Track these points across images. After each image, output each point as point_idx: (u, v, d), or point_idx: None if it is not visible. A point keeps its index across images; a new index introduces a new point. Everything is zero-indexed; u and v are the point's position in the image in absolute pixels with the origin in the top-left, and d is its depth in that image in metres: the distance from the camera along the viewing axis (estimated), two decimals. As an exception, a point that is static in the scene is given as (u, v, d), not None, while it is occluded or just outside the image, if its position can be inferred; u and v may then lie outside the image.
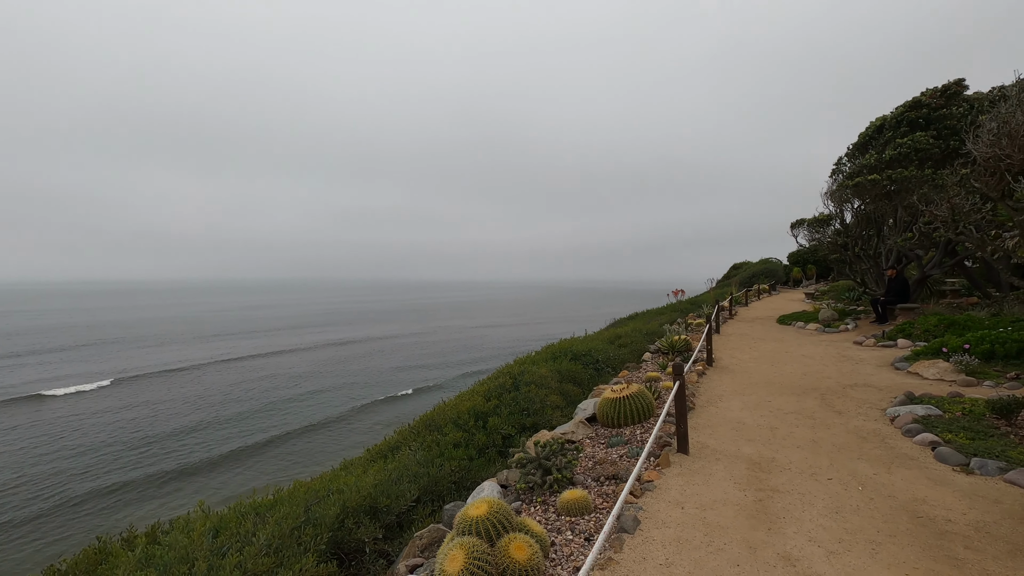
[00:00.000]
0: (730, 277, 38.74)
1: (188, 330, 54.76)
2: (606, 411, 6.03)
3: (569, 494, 3.88)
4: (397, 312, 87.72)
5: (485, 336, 50.64)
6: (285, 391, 27.09)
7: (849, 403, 6.80)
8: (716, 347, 11.94)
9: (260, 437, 19.80)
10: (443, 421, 6.01)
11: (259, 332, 53.39)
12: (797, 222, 16.94)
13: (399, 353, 40.54)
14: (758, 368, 9.42)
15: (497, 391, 6.58)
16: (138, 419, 21.78)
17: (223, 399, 25.34)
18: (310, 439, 19.85)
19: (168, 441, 19.12)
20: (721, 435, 5.63)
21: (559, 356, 8.51)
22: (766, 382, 8.25)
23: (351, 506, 3.84)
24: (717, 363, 9.98)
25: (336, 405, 24.90)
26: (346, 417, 22.82)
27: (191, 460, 17.23)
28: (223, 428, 20.90)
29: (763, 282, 30.95)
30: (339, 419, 22.49)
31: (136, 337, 47.78)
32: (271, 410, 23.78)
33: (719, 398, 7.26)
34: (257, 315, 79.04)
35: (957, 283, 15.85)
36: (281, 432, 20.35)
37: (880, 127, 14.54)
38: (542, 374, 7.08)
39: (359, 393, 27.46)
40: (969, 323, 10.65)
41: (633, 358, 10.38)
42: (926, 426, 5.42)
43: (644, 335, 12.11)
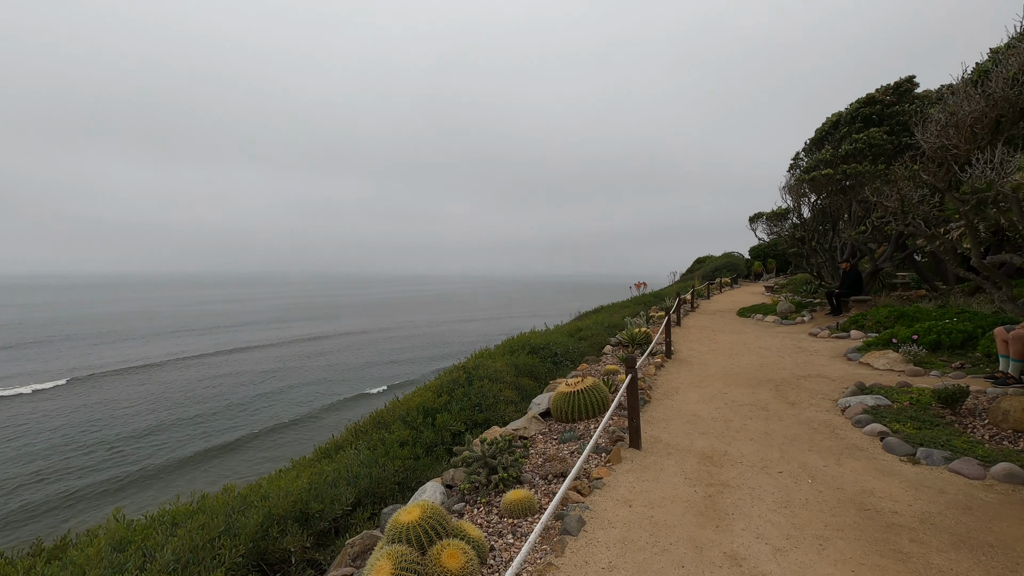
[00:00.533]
0: (694, 271, 39.38)
1: (145, 326, 52.49)
2: (560, 405, 5.87)
3: (513, 494, 3.68)
4: (365, 307, 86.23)
5: (456, 331, 50.17)
6: (250, 389, 26.09)
7: (802, 394, 6.82)
8: (676, 339, 11.98)
9: (224, 438, 19.01)
10: (392, 418, 5.74)
11: (220, 328, 51.57)
12: (756, 215, 17.19)
13: (369, 348, 39.71)
14: (716, 360, 9.44)
15: (449, 386, 6.34)
16: (94, 420, 20.59)
17: (184, 398, 24.22)
18: (276, 439, 19.19)
19: (125, 444, 18.10)
20: (675, 428, 5.54)
21: (517, 350, 8.32)
22: (723, 374, 8.25)
23: (278, 513, 3.55)
24: (676, 355, 9.97)
25: (304, 403, 24.14)
26: (315, 416, 22.12)
27: (152, 463, 16.38)
28: (184, 429, 19.96)
29: (725, 275, 31.54)
30: (308, 418, 21.77)
31: (90, 334, 45.39)
32: (236, 409, 22.85)
33: (676, 390, 7.20)
34: (218, 310, 76.54)
35: (907, 276, 16.35)
36: (246, 433, 19.60)
37: (836, 123, 14.82)
38: (497, 368, 6.88)
39: (329, 390, 26.73)
40: (918, 314, 10.94)
41: (593, 351, 10.28)
42: (875, 416, 5.43)
43: (605, 328, 12.04)
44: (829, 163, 13.62)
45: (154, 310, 74.66)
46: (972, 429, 5.01)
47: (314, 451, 6.36)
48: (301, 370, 30.86)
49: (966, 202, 6.41)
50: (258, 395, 25.13)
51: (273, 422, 21.08)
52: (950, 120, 5.86)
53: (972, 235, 6.75)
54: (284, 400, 24.71)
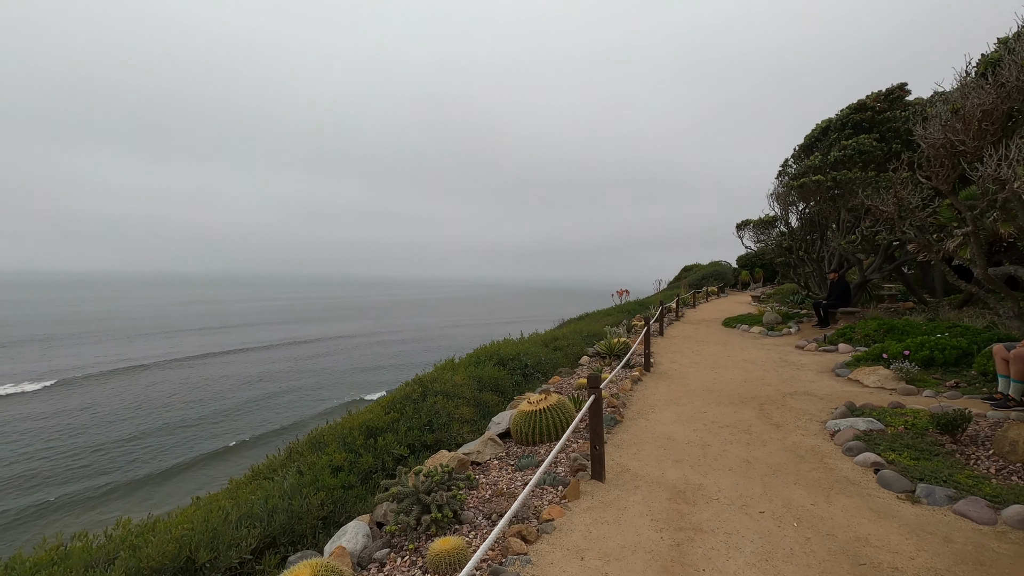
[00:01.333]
0: (681, 279, 39.01)
1: (130, 326, 50.82)
2: (519, 426, 5.26)
3: (441, 543, 3.05)
4: (356, 309, 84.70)
5: (447, 336, 49.15)
6: (237, 395, 24.90)
7: (788, 414, 6.27)
8: (658, 350, 11.42)
9: (206, 447, 18.03)
10: (331, 438, 5.09)
11: (207, 329, 50.05)
12: (743, 223, 16.75)
13: (359, 353, 38.50)
14: (698, 374, 8.88)
15: (401, 402, 5.70)
16: (71, 427, 19.39)
17: (168, 404, 22.99)
18: (261, 449, 18.22)
19: (102, 453, 17.00)
20: (646, 455, 4.94)
21: (483, 361, 7.69)
22: (704, 389, 7.69)
23: (151, 565, 2.90)
24: (656, 367, 9.40)
25: (293, 410, 23.10)
26: (304, 424, 21.04)
27: (130, 475, 15.39)
28: (166, 436, 18.84)
29: (712, 284, 31.17)
30: (296, 426, 20.70)
31: (74, 333, 43.70)
32: (221, 416, 21.77)
33: (652, 408, 6.61)
34: (205, 310, 74.62)
35: (894, 288, 15.98)
36: (234, 442, 18.61)
37: (826, 129, 14.42)
38: (456, 382, 6.24)
39: (318, 396, 25.74)
40: (908, 328, 10.48)
41: (569, 362, 9.69)
42: (868, 443, 4.88)
43: (584, 337, 11.46)
44: (818, 170, 13.20)
45: (141, 311, 72.48)
46: (976, 460, 4.47)
47: (247, 472, 5.68)
48: (290, 375, 29.71)
49: (973, 207, 5.92)
50: (245, 401, 23.97)
51: (264, 428, 20.13)
52: (956, 114, 5.38)
53: (977, 243, 6.26)
54: (271, 406, 23.68)
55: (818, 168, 13.29)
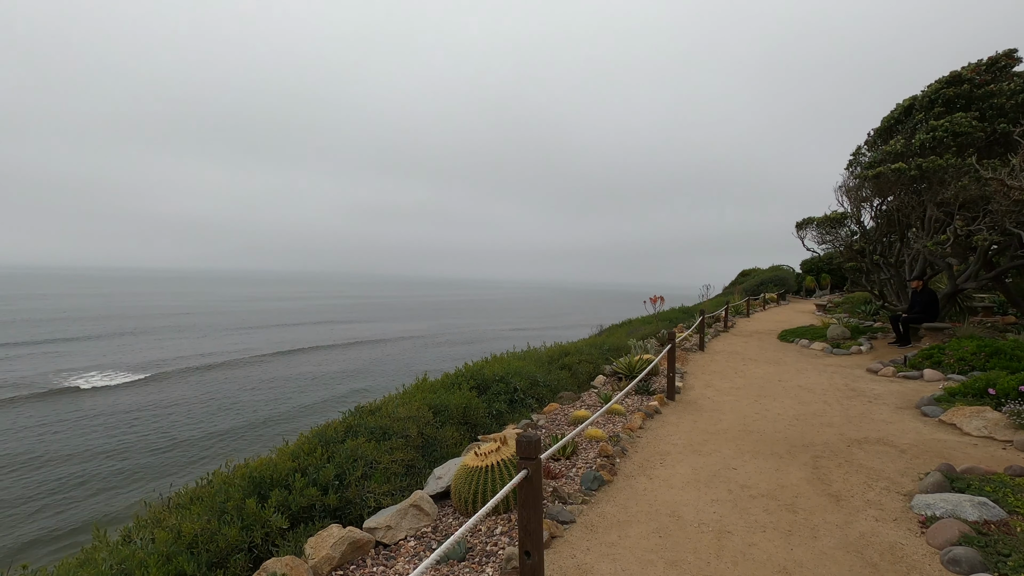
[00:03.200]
0: (736, 284, 36.12)
1: (208, 322, 52.05)
2: (459, 488, 3.81)
3: None
4: (414, 309, 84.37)
5: (500, 337, 47.90)
6: (317, 392, 23.96)
7: (855, 477, 4.49)
8: (694, 369, 9.61)
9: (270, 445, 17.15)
10: (206, 493, 3.82)
11: (279, 326, 50.42)
12: (804, 221, 14.49)
13: (428, 352, 37.11)
14: (736, 405, 7.09)
15: (316, 443, 4.37)
16: (161, 420, 18.98)
17: (253, 399, 22.23)
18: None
19: (191, 447, 16.25)
20: (627, 551, 3.35)
21: (460, 383, 6.26)
22: (741, 429, 5.94)
23: None
24: (684, 394, 7.65)
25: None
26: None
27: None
28: (253, 432, 18.05)
29: (771, 290, 28.37)
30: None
31: (157, 327, 45.15)
32: (305, 414, 20.73)
33: (661, 459, 4.97)
34: (277, 307, 76.25)
35: (988, 299, 13.35)
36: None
37: (909, 108, 12.06)
38: (399, 415, 4.85)
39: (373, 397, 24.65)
40: (1019, 352, 8.22)
41: (578, 384, 8.09)
42: (984, 554, 3.10)
43: (604, 351, 9.80)
44: (900, 156, 10.95)
45: (220, 305, 74.68)
46: None
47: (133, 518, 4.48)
48: (369, 374, 28.67)
49: None
50: (326, 400, 22.82)
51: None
52: None
53: None
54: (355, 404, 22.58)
55: (899, 155, 11.03)
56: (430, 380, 6.48)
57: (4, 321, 44.48)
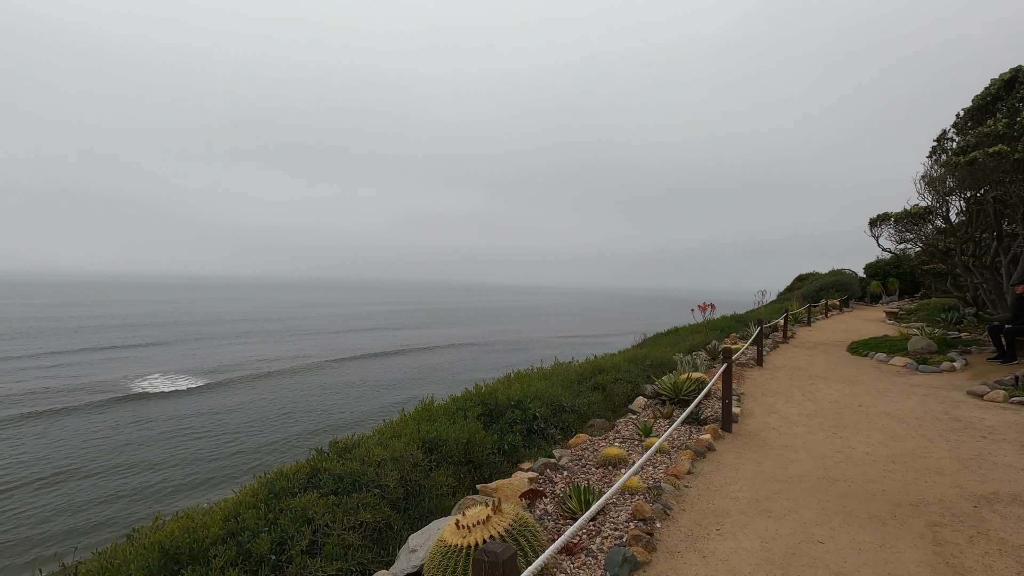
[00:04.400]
0: (793, 289, 33.65)
1: (270, 328, 52.63)
2: (432, 574, 2.74)
3: None
4: (460, 314, 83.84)
5: (545, 343, 46.86)
6: (371, 402, 23.39)
7: (1000, 562, 3.16)
8: (752, 390, 8.22)
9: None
10: (103, 567, 2.91)
11: (337, 332, 50.87)
12: (879, 217, 12.71)
13: (479, 360, 36.11)
14: (809, 439, 5.73)
15: (264, 494, 3.40)
16: (218, 426, 18.82)
17: (310, 407, 21.76)
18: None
19: (253, 455, 15.96)
20: None
21: (468, 408, 5.21)
22: (820, 476, 4.63)
23: None
24: (743, 423, 6.33)
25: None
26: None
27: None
28: (308, 441, 17.60)
29: (833, 296, 26.04)
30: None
31: (223, 333, 46.11)
32: (359, 423, 20.17)
33: (717, 522, 3.75)
34: (329, 313, 77.21)
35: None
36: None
37: (1010, 82, 10.23)
38: (375, 458, 3.82)
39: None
40: None
41: (613, 408, 6.88)
42: None
43: (645, 367, 8.53)
44: (1000, 138, 9.22)
45: (278, 311, 75.87)
46: None
47: None
48: (422, 381, 27.96)
49: None
50: (381, 408, 22.14)
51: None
52: None
53: None
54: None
55: (1000, 136, 9.30)
56: (438, 404, 5.46)
57: (79, 327, 46.48)
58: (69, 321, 51.52)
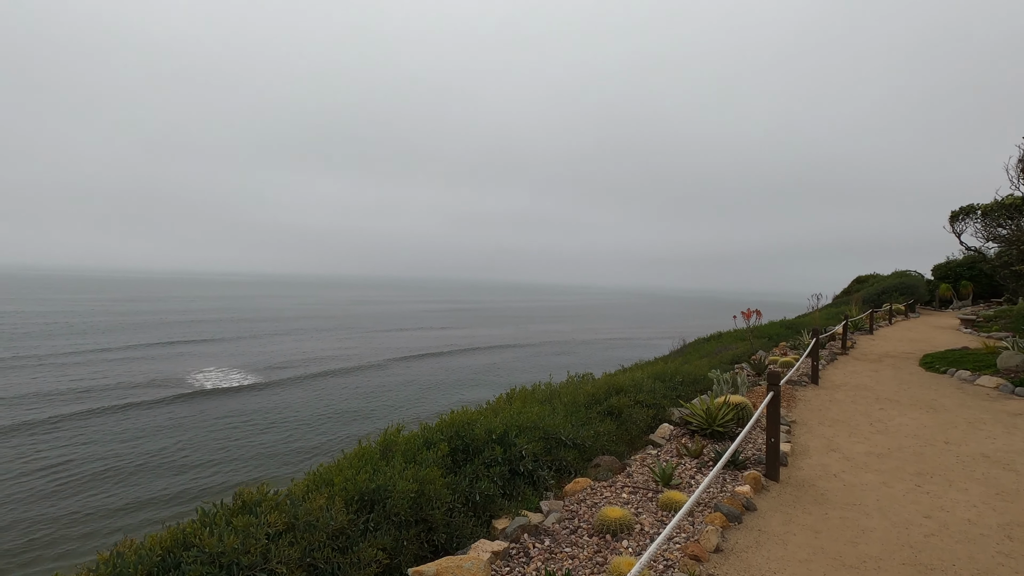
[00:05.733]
0: (851, 292, 30.97)
1: (321, 325, 52.84)
2: None
3: None
4: (513, 315, 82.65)
5: (594, 344, 45.60)
6: (415, 408, 22.71)
7: None
8: (806, 416, 6.79)
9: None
10: None
11: (384, 331, 50.77)
12: (963, 210, 10.87)
13: (526, 362, 34.90)
14: (885, 495, 4.35)
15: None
16: (272, 423, 18.67)
17: (358, 407, 21.38)
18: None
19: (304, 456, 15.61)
20: None
21: (436, 442, 4.12)
22: (906, 562, 3.30)
23: None
24: (794, 465, 4.98)
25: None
26: None
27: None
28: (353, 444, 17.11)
29: (897, 300, 23.58)
30: None
31: (277, 331, 46.18)
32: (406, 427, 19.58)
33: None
34: (379, 311, 77.45)
35: None
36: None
37: None
38: (276, 523, 2.77)
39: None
40: None
41: (630, 439, 5.64)
42: None
43: (673, 385, 7.21)
44: None
45: (328, 308, 77.01)
46: None
47: None
48: (473, 384, 27.19)
49: None
50: (431, 414, 21.37)
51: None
52: None
53: None
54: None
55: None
56: (408, 432, 4.40)
57: (144, 323, 48.09)
58: (137, 316, 53.45)
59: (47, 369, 26.22)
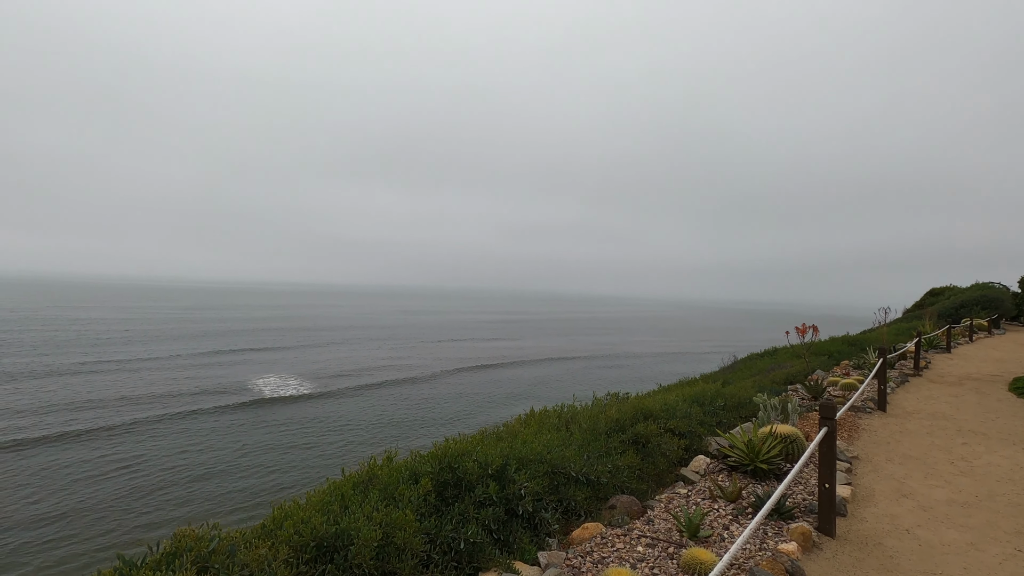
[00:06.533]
0: (923, 306, 28.45)
1: (376, 335, 53.94)
2: None
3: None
4: (566, 327, 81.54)
5: (644, 358, 44.51)
6: (467, 420, 22.56)
7: None
8: (870, 450, 5.84)
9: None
10: None
11: (440, 341, 51.37)
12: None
13: (579, 376, 34.00)
14: (975, 562, 3.48)
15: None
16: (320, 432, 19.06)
17: (408, 419, 21.63)
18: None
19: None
20: None
21: (422, 473, 3.60)
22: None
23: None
24: (855, 516, 4.13)
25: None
26: None
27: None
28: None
29: (978, 315, 21.35)
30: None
31: (332, 341, 47.21)
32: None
33: None
34: (432, 321, 78.31)
35: None
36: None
37: None
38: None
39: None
40: None
41: (657, 473, 4.92)
42: None
43: (713, 410, 6.40)
44: None
45: (380, 319, 78.96)
46: None
47: None
48: (521, 399, 26.79)
49: None
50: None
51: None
52: None
53: None
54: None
55: None
56: (401, 460, 3.91)
57: (210, 331, 50.45)
58: (204, 324, 56.19)
59: (125, 373, 27.82)
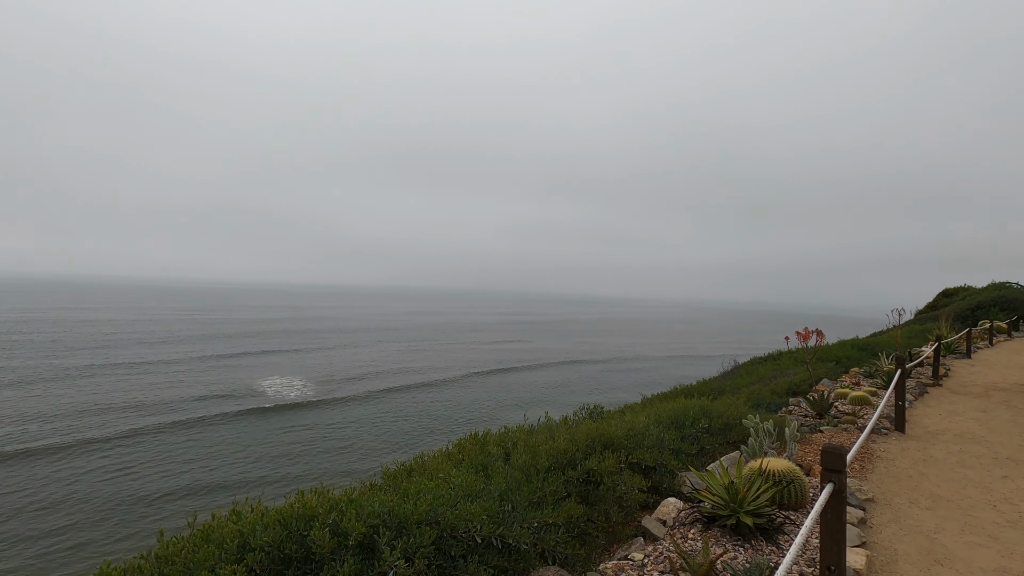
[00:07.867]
0: (936, 307, 27.07)
1: (388, 337, 52.72)
2: None
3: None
4: (572, 329, 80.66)
5: (655, 361, 44.00)
6: (471, 425, 21.65)
7: None
8: (888, 487, 4.67)
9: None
10: None
11: (449, 344, 50.27)
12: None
13: (590, 382, 32.75)
14: None
15: None
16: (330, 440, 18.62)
17: (417, 427, 20.84)
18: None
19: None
20: None
21: (216, 559, 2.48)
22: None
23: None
24: None
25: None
26: None
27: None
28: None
29: (997, 317, 20.00)
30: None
31: (351, 342, 47.39)
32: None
33: None
34: (439, 322, 77.90)
35: None
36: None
37: None
38: None
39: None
40: None
41: (612, 527, 3.78)
42: None
43: (692, 434, 5.24)
44: None
45: (393, 320, 78.73)
46: None
47: None
48: (528, 405, 25.89)
49: None
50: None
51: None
52: None
53: None
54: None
55: None
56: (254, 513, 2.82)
57: (218, 333, 49.83)
58: (212, 326, 55.69)
59: (135, 375, 27.79)
